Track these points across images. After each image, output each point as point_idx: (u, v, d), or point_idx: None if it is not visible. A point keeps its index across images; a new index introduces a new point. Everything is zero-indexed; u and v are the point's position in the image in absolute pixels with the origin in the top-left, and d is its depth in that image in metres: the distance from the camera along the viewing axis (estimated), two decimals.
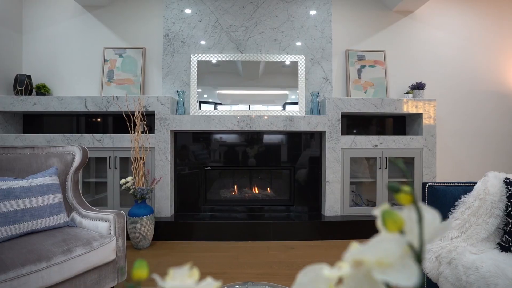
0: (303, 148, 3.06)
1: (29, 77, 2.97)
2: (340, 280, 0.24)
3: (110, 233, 1.64)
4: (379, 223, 0.23)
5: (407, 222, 0.22)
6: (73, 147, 1.97)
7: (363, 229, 2.72)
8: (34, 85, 3.03)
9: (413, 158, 2.96)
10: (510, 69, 3.35)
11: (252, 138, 3.04)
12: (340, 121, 2.88)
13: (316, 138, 3.04)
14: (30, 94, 2.98)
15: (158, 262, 2.24)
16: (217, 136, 3.03)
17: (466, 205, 1.38)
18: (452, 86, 3.31)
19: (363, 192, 3.15)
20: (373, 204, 2.99)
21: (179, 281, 0.24)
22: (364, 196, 3.13)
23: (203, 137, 3.03)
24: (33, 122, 3.14)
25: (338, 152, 2.88)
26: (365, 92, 3.19)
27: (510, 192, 1.33)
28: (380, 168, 2.93)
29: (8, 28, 2.97)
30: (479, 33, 3.33)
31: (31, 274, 1.21)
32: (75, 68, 3.15)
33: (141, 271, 0.25)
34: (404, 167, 0.24)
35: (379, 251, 0.21)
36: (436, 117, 3.19)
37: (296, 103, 3.04)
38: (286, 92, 3.06)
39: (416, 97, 3.06)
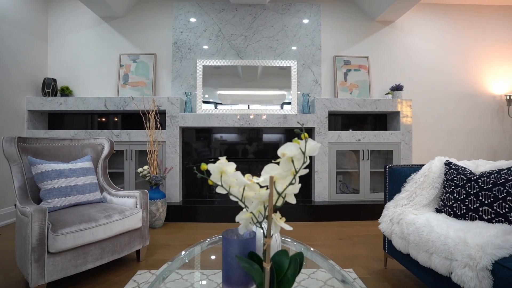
0: None
1: (54, 80, 3.38)
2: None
3: (136, 207, 2.05)
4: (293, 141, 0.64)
5: (302, 143, 0.63)
6: (102, 139, 2.38)
7: (348, 212, 3.13)
8: (58, 87, 3.44)
9: (392, 151, 3.38)
10: (479, 73, 3.78)
11: (251, 136, 3.46)
12: (327, 118, 3.29)
13: (307, 134, 3.45)
14: (55, 95, 3.38)
15: (171, 237, 2.65)
16: (220, 134, 3.45)
17: (414, 180, 1.80)
18: (427, 88, 3.73)
19: (349, 181, 3.57)
20: (357, 191, 3.41)
21: (222, 160, 0.65)
22: (349, 185, 3.55)
23: (207, 134, 3.44)
24: (57, 120, 3.55)
25: (326, 146, 3.29)
26: (350, 93, 3.61)
27: (447, 170, 1.75)
28: (363, 159, 3.35)
29: (35, 36, 3.38)
30: (452, 41, 3.76)
31: (85, 230, 1.63)
32: (94, 72, 3.57)
33: (204, 166, 0.66)
34: (299, 131, 0.65)
35: (289, 149, 0.62)
36: (413, 115, 3.61)
37: (289, 103, 3.46)
38: (284, 92, 3.47)
39: (395, 98, 3.48)
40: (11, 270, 1.89)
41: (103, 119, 3.57)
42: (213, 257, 1.56)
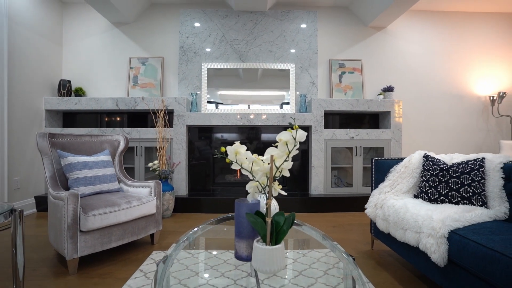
0: (300, 143, 3.72)
1: (69, 81, 3.63)
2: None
3: (151, 195, 2.31)
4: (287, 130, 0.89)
5: (293, 132, 0.88)
6: (119, 136, 2.63)
7: (342, 204, 3.39)
8: (73, 88, 3.69)
9: (383, 148, 3.64)
10: (464, 75, 4.04)
11: (251, 136, 3.71)
12: (323, 117, 3.55)
13: (306, 132, 3.70)
14: (70, 95, 3.63)
15: (179, 225, 2.90)
16: (222, 133, 3.70)
17: (396, 171, 2.05)
18: (417, 89, 4.00)
19: (343, 176, 3.82)
20: (350, 185, 3.66)
21: (237, 144, 0.90)
22: (344, 179, 3.81)
23: (209, 133, 3.70)
24: (70, 119, 3.80)
25: (322, 143, 3.55)
26: (345, 94, 3.87)
27: (425, 162, 2.01)
28: (356, 155, 3.60)
29: (51, 41, 3.63)
30: (439, 45, 4.02)
31: (110, 213, 1.88)
32: (106, 74, 3.82)
33: (223, 148, 0.91)
34: (292, 123, 0.91)
35: (284, 135, 0.87)
36: (403, 114, 3.87)
37: (288, 103, 3.71)
38: (284, 93, 3.73)
39: (386, 98, 3.74)
40: (42, 250, 2.14)
41: (112, 118, 3.82)
42: (217, 239, 1.82)
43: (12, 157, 3.00)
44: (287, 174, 0.94)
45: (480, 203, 1.65)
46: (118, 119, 3.82)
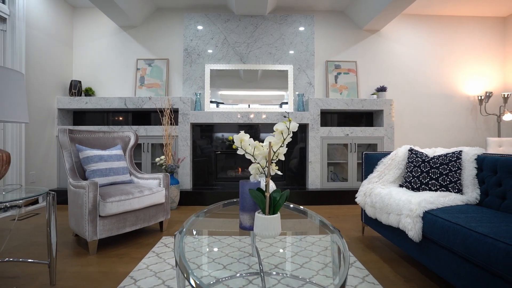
0: (298, 141, 3.93)
1: (79, 82, 3.84)
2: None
3: (160, 186, 2.51)
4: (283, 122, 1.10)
5: (288, 123, 1.08)
6: (129, 132, 2.84)
7: (337, 198, 3.59)
8: (83, 88, 3.90)
9: (376, 144, 3.84)
10: (454, 76, 4.25)
11: (252, 134, 3.91)
12: (319, 116, 3.75)
13: (303, 130, 3.91)
14: (80, 95, 3.84)
15: (184, 216, 3.11)
16: (222, 132, 3.91)
17: (383, 163, 2.26)
18: (409, 89, 4.20)
19: (339, 171, 4.03)
20: (346, 180, 3.87)
21: (242, 132, 1.10)
22: (339, 174, 4.02)
23: (210, 133, 3.90)
24: (79, 117, 4.01)
25: (318, 140, 3.75)
26: (340, 94, 4.07)
27: (409, 155, 2.22)
28: (351, 152, 3.81)
29: (63, 44, 3.83)
30: (430, 47, 4.23)
31: (125, 200, 2.09)
32: (114, 74, 4.03)
33: (230, 137, 1.11)
34: (287, 116, 1.12)
35: (280, 126, 1.08)
36: (395, 113, 4.08)
37: (286, 103, 3.92)
38: (283, 93, 3.93)
39: (379, 98, 3.94)
40: (62, 235, 2.35)
41: (116, 117, 4.02)
42: (221, 225, 2.04)
43: (28, 153, 3.21)
44: (283, 158, 1.14)
45: (456, 190, 1.86)
46: (122, 118, 4.02)
